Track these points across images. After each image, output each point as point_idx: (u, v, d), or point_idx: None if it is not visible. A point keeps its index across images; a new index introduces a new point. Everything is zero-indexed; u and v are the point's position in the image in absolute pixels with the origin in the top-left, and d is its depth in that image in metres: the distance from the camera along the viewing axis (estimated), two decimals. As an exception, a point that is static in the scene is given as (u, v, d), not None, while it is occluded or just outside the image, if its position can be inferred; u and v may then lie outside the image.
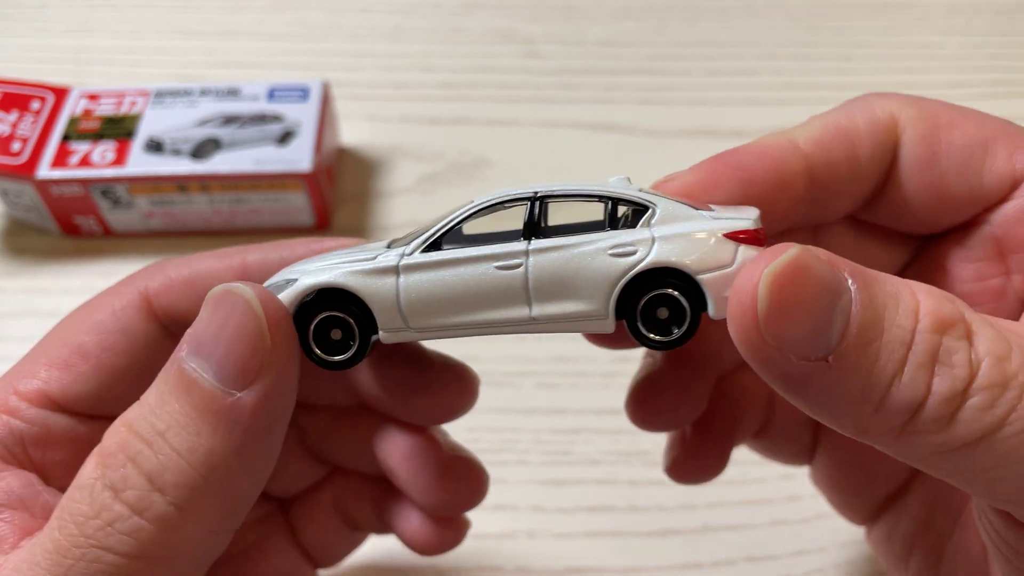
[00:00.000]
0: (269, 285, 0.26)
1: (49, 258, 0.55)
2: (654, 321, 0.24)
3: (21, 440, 0.27)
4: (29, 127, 0.53)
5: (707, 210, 0.25)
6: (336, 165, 0.58)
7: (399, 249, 0.25)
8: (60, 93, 0.55)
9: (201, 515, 0.23)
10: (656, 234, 0.24)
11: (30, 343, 0.30)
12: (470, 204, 0.25)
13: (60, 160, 0.52)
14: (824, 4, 0.69)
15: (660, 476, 0.34)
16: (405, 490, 0.33)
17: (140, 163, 0.52)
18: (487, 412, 0.47)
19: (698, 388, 0.32)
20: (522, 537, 0.43)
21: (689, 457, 0.34)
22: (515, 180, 0.58)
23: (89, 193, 0.52)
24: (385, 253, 0.25)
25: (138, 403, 0.24)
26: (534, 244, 0.24)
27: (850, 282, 0.21)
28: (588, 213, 0.26)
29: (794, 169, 0.27)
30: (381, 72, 0.65)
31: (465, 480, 0.33)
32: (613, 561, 0.43)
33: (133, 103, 0.55)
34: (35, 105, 0.54)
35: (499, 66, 0.65)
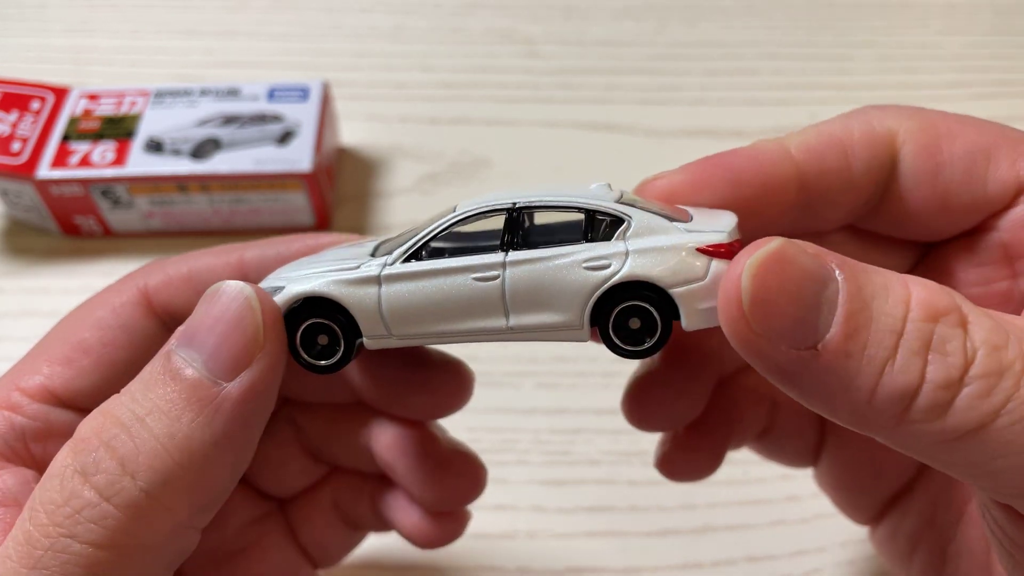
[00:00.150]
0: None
1: (49, 258, 0.55)
2: (626, 331, 0.25)
3: (22, 435, 0.28)
4: (29, 127, 0.53)
5: (683, 219, 0.25)
6: (336, 165, 0.58)
7: (381, 259, 0.26)
8: (60, 93, 0.55)
9: (172, 505, 0.23)
10: (630, 247, 0.24)
11: (30, 343, 0.30)
12: (453, 213, 0.26)
13: (60, 160, 0.52)
14: (824, 4, 0.69)
15: (660, 476, 0.35)
16: (404, 485, 0.33)
17: (140, 163, 0.52)
18: (487, 412, 0.47)
19: (696, 389, 0.32)
20: (522, 537, 0.43)
21: (680, 454, 0.34)
22: (515, 180, 0.58)
23: (89, 193, 0.52)
24: (368, 262, 0.26)
25: (119, 393, 0.25)
26: (511, 256, 0.25)
27: (837, 272, 0.21)
28: (573, 216, 0.26)
29: (785, 174, 0.27)
30: (381, 72, 0.65)
31: (463, 474, 0.33)
32: (613, 561, 0.43)
33: (133, 103, 0.55)
34: (35, 105, 0.54)
35: (499, 66, 0.65)
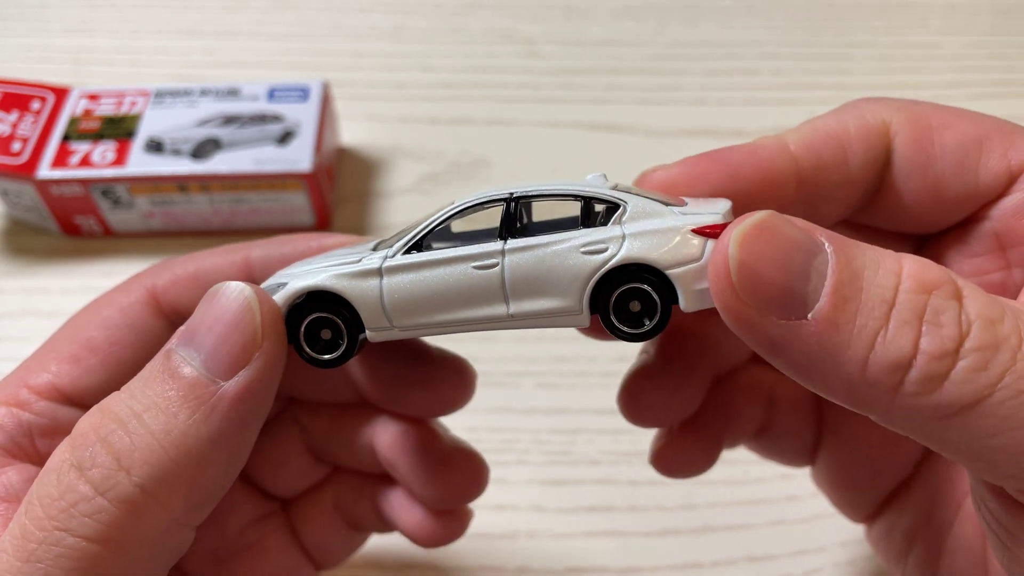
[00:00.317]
0: (263, 288, 0.27)
1: (49, 258, 0.55)
2: (627, 314, 0.25)
3: (29, 432, 0.28)
4: (29, 127, 0.53)
5: (679, 204, 0.25)
6: (336, 165, 0.58)
7: (383, 252, 0.26)
8: (60, 93, 0.55)
9: (167, 501, 0.23)
10: (626, 231, 0.24)
11: (30, 343, 0.30)
12: (451, 206, 0.26)
13: (60, 160, 0.52)
14: (824, 4, 0.69)
15: (660, 476, 0.35)
16: (406, 483, 0.33)
17: (140, 163, 0.52)
18: (487, 412, 0.47)
19: (692, 385, 0.32)
20: (522, 537, 0.43)
21: (674, 450, 0.34)
22: (515, 180, 0.58)
23: (89, 193, 0.52)
24: (369, 256, 0.26)
25: (119, 391, 0.25)
26: (510, 244, 0.25)
27: (826, 244, 0.21)
28: (570, 210, 0.26)
29: (783, 169, 0.27)
30: (381, 72, 0.65)
31: (465, 471, 0.33)
32: (613, 561, 0.43)
33: (133, 103, 0.55)
34: (35, 105, 0.55)
35: (499, 66, 0.65)
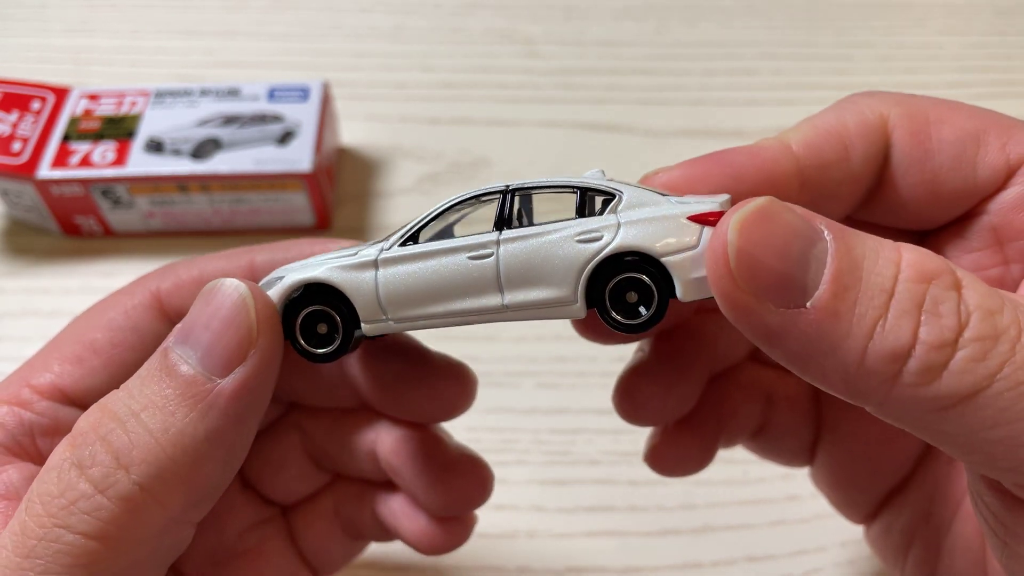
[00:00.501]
0: (263, 284, 0.27)
1: (49, 258, 0.55)
2: (623, 305, 0.25)
3: (30, 431, 0.28)
4: (29, 127, 0.53)
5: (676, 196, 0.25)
6: (336, 165, 0.58)
7: (379, 245, 0.26)
8: (60, 93, 0.55)
9: (165, 498, 0.24)
10: (622, 219, 0.24)
11: (30, 343, 0.30)
12: (447, 199, 0.26)
13: (60, 160, 0.52)
14: (824, 4, 0.69)
15: (660, 476, 0.35)
16: (409, 490, 0.33)
17: (140, 163, 0.52)
18: (487, 412, 0.47)
19: (687, 383, 0.32)
20: (522, 537, 0.43)
21: (669, 448, 0.34)
22: (515, 179, 0.58)
23: (89, 193, 0.52)
24: (366, 249, 0.26)
25: (118, 389, 0.25)
26: (505, 234, 0.25)
27: (825, 231, 0.21)
28: (569, 211, 0.26)
29: (786, 170, 0.27)
30: (381, 72, 0.65)
31: (469, 477, 0.33)
32: (613, 561, 0.43)
33: (133, 103, 0.55)
34: (35, 105, 0.55)
35: (499, 66, 0.65)
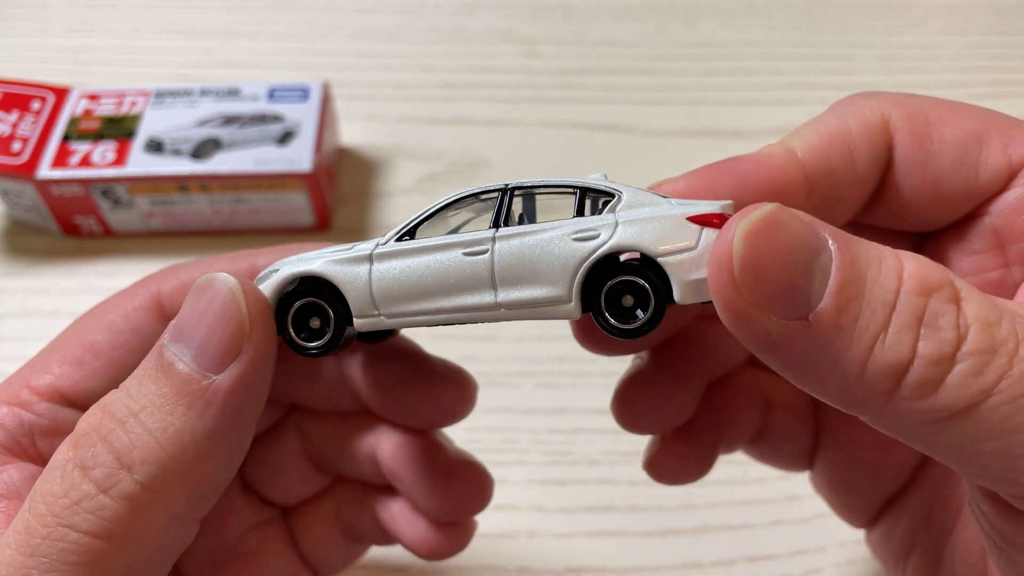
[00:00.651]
0: (259, 277, 0.27)
1: (49, 258, 0.55)
2: (620, 309, 0.24)
3: (30, 432, 0.28)
4: (29, 127, 0.53)
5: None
6: (336, 165, 0.58)
7: (376, 240, 0.26)
8: (60, 93, 0.55)
9: (167, 496, 0.24)
10: (620, 219, 0.24)
11: (30, 343, 0.30)
12: (446, 196, 0.26)
13: (60, 160, 0.52)
14: (824, 4, 0.69)
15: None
16: (409, 495, 0.33)
17: (140, 163, 0.52)
18: (487, 412, 0.47)
19: (687, 391, 0.32)
20: (522, 537, 0.43)
21: (669, 456, 0.33)
22: (514, 179, 0.58)
23: (89, 193, 0.52)
24: (363, 244, 0.26)
25: (117, 389, 0.25)
26: (501, 231, 0.25)
27: (830, 241, 0.21)
28: (568, 212, 0.26)
29: (793, 178, 0.27)
30: (381, 72, 0.65)
31: (469, 483, 0.33)
32: (613, 561, 0.43)
33: (133, 103, 0.55)
34: (35, 105, 0.54)
35: (499, 66, 0.65)
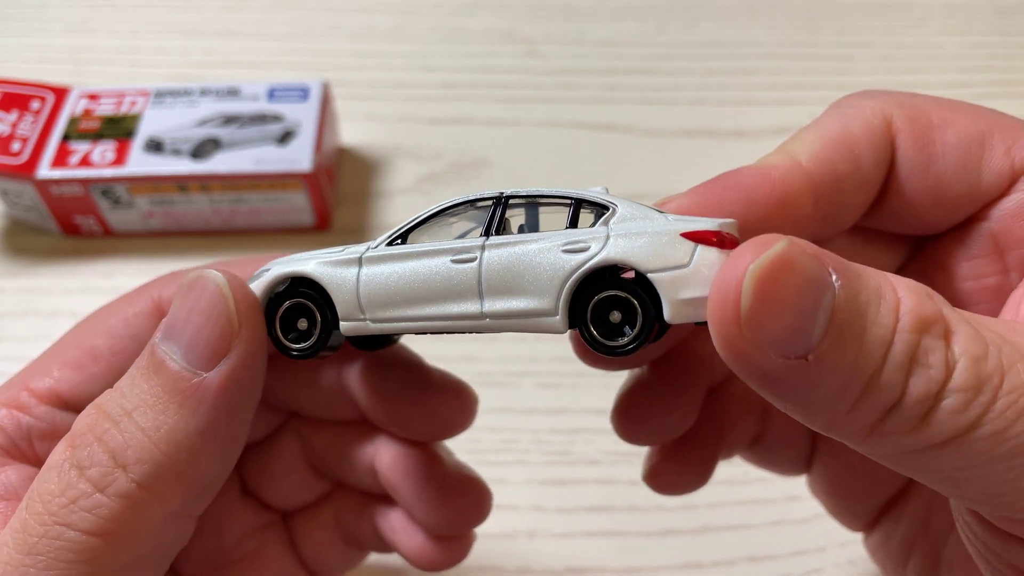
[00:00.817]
0: (252, 277, 0.27)
1: (49, 258, 0.55)
2: (608, 326, 0.23)
3: (28, 434, 0.28)
4: (29, 127, 0.53)
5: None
6: (336, 165, 0.58)
7: (367, 243, 0.26)
8: (60, 93, 0.55)
9: (162, 494, 0.24)
10: (612, 232, 0.23)
11: (30, 343, 0.30)
12: (441, 202, 0.26)
13: (60, 160, 0.52)
14: (824, 4, 0.69)
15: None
16: (406, 507, 0.32)
17: (140, 163, 0.52)
18: (487, 412, 0.47)
19: (687, 401, 0.32)
20: (522, 537, 0.43)
21: (669, 467, 0.33)
22: (515, 180, 0.58)
23: (89, 193, 0.52)
24: (355, 247, 0.26)
25: (111, 389, 0.25)
26: (491, 240, 0.24)
27: (834, 277, 0.21)
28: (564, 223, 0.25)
29: (799, 189, 0.26)
30: (381, 72, 0.65)
31: (467, 498, 0.33)
32: (613, 561, 0.43)
33: (133, 103, 0.55)
34: (35, 105, 0.54)
35: (499, 66, 0.65)
